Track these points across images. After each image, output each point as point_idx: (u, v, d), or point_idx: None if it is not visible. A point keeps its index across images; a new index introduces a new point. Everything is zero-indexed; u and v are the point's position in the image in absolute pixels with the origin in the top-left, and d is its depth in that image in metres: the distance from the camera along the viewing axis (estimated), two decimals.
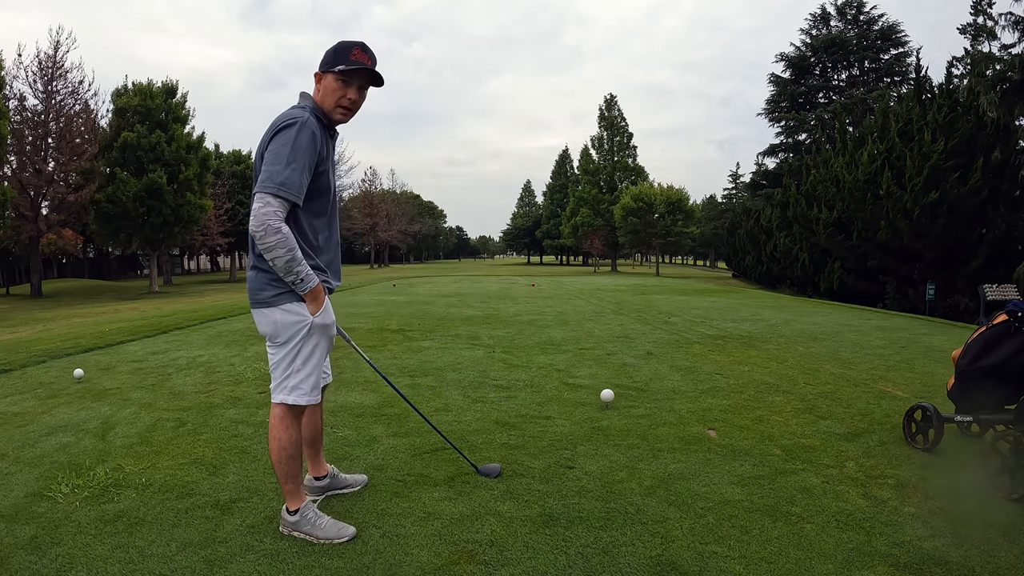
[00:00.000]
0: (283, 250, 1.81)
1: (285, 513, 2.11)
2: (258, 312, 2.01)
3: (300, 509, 2.09)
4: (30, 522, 2.19)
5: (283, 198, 1.81)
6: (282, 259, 1.82)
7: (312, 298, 1.94)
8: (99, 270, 46.32)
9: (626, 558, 1.94)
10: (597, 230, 46.95)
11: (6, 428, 3.36)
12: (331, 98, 1.97)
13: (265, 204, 1.79)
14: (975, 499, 2.38)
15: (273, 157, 1.82)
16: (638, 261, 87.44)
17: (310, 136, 1.86)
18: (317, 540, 2.04)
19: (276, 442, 2.05)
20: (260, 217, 1.78)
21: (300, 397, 2.04)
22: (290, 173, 1.81)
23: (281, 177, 1.79)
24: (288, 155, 1.81)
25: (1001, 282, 3.89)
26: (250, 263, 2.01)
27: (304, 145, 1.84)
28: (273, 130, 1.88)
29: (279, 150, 1.82)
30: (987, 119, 15.83)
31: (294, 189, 1.82)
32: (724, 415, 3.56)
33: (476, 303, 11.44)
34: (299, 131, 1.84)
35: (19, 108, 24.15)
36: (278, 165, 1.81)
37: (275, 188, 1.79)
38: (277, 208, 1.80)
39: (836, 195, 19.13)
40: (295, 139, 1.83)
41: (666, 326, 7.78)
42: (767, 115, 37.92)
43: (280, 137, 1.84)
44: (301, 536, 2.07)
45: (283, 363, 2.04)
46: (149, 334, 7.11)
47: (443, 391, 4.16)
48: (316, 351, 2.05)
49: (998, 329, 2.77)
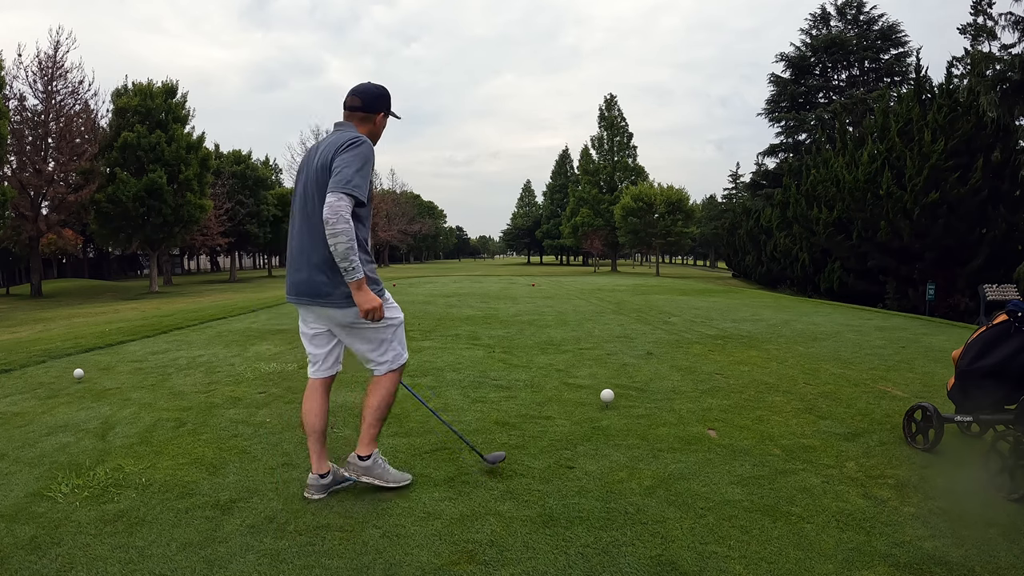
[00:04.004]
0: (346, 238, 2.10)
1: (355, 459, 2.40)
2: (346, 311, 2.30)
3: (372, 455, 2.41)
4: (30, 522, 2.19)
5: (352, 196, 2.14)
6: (343, 245, 2.10)
7: (357, 287, 2.21)
8: (99, 270, 46.33)
9: (626, 558, 1.94)
10: (597, 230, 46.92)
11: (6, 428, 3.36)
12: (380, 131, 2.49)
13: (338, 199, 2.11)
14: (975, 499, 2.38)
15: (344, 165, 2.17)
16: (638, 261, 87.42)
17: (370, 152, 2.26)
18: (386, 483, 2.42)
19: (386, 393, 2.41)
20: (334, 208, 2.09)
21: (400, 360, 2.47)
22: (359, 179, 2.16)
23: (353, 181, 2.14)
24: (357, 164, 2.18)
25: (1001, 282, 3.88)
26: (315, 266, 2.28)
27: (368, 158, 2.23)
28: (342, 145, 2.22)
29: (350, 160, 2.18)
30: (987, 119, 15.83)
31: (360, 190, 2.17)
32: (724, 415, 3.56)
33: (476, 303, 11.44)
34: (364, 146, 2.23)
35: (19, 108, 24.12)
36: (349, 170, 2.15)
37: (348, 188, 2.13)
38: (347, 203, 2.13)
39: (836, 195, 19.12)
40: (362, 153, 2.21)
41: (666, 326, 7.78)
42: (767, 115, 37.92)
43: (350, 150, 2.20)
44: (370, 480, 2.41)
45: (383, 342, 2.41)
46: (149, 334, 7.11)
47: (443, 391, 4.16)
48: (399, 328, 2.47)
49: (998, 329, 2.77)
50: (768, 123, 38.03)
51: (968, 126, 15.51)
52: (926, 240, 15.86)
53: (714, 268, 61.69)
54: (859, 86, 35.12)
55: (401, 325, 2.49)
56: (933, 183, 15.47)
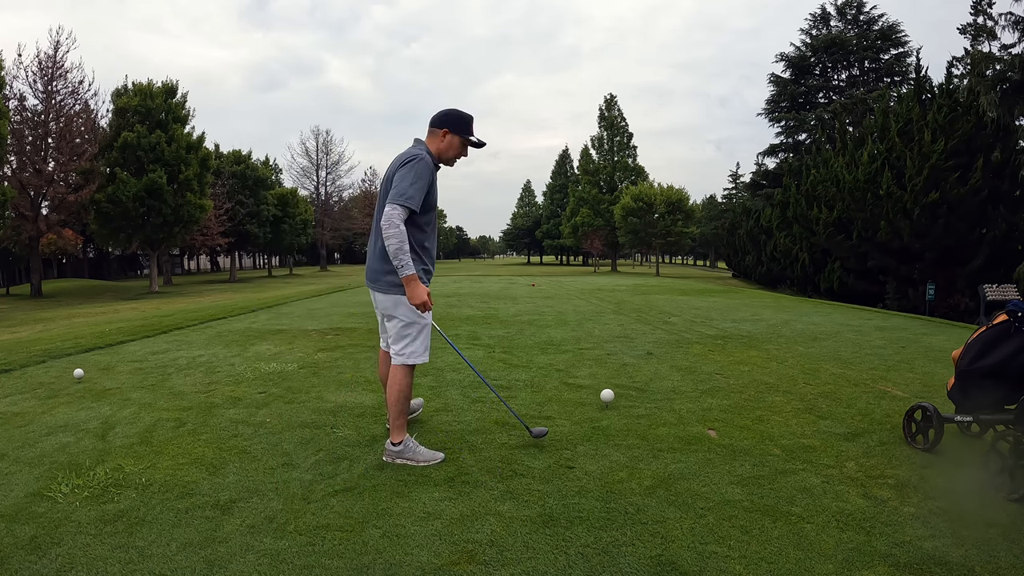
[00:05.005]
0: (396, 240, 2.55)
1: (389, 445, 2.78)
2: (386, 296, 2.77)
3: (403, 441, 2.76)
4: (30, 522, 2.19)
5: (405, 206, 2.59)
6: (394, 246, 2.56)
7: (407, 282, 2.64)
8: (99, 270, 46.32)
9: (626, 558, 1.94)
10: (597, 230, 46.91)
11: (6, 428, 3.36)
12: (452, 152, 2.82)
13: (392, 208, 2.57)
14: (975, 499, 2.38)
15: (400, 179, 2.61)
16: (638, 261, 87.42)
17: (426, 167, 2.66)
18: (417, 463, 2.74)
19: (397, 387, 2.76)
20: (388, 216, 2.55)
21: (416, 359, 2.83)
22: (413, 191, 2.60)
23: (407, 193, 2.59)
24: (412, 179, 2.61)
25: (1001, 282, 3.89)
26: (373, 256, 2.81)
27: (421, 174, 2.63)
28: (401, 162, 2.67)
29: (405, 174, 2.62)
30: (987, 119, 15.82)
31: (413, 201, 2.61)
32: (724, 415, 3.56)
33: (476, 303, 11.44)
34: (420, 163, 2.65)
35: (19, 108, 24.12)
36: (404, 184, 2.60)
37: (401, 199, 2.58)
38: (400, 212, 2.57)
39: (836, 195, 19.11)
40: (417, 169, 2.63)
41: (666, 326, 7.78)
42: (767, 115, 37.90)
43: (407, 166, 2.63)
44: (403, 462, 2.75)
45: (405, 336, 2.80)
46: (149, 334, 7.11)
47: (443, 391, 4.16)
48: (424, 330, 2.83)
49: (998, 329, 2.77)
50: (768, 123, 38.05)
51: (968, 126, 15.50)
52: (926, 240, 15.85)
53: (714, 268, 61.68)
54: (859, 86, 35.12)
55: (427, 328, 2.83)
56: (933, 183, 15.47)
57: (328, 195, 56.07)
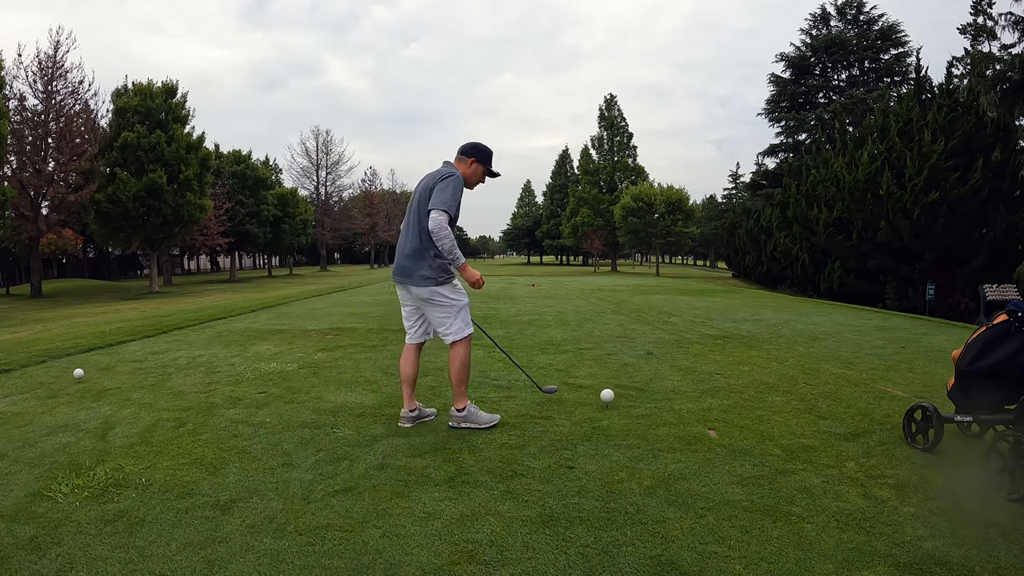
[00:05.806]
0: (449, 240, 3.05)
1: (454, 412, 3.27)
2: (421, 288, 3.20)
3: (466, 407, 3.26)
4: (30, 522, 2.19)
5: (449, 213, 3.06)
6: (448, 244, 3.04)
7: (463, 269, 3.20)
8: (99, 270, 46.31)
9: (626, 558, 1.94)
10: (597, 230, 46.92)
11: (6, 428, 3.36)
12: (475, 178, 3.37)
13: (439, 214, 3.04)
14: (975, 499, 2.38)
15: (441, 191, 3.09)
16: (638, 261, 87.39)
17: (460, 184, 3.19)
18: (480, 426, 3.25)
19: (458, 360, 3.21)
20: (438, 221, 3.02)
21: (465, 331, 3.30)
22: (451, 200, 3.09)
23: (449, 202, 3.08)
24: (452, 191, 3.11)
25: (1001, 282, 3.88)
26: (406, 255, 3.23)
27: (458, 187, 3.16)
28: (440, 177, 3.15)
29: (445, 187, 3.10)
30: (987, 119, 15.82)
31: (454, 209, 3.10)
32: (724, 415, 3.56)
33: (476, 303, 11.44)
34: (456, 180, 3.16)
35: (19, 108, 24.12)
36: (445, 194, 3.08)
37: (444, 206, 3.05)
38: (445, 217, 3.04)
39: (836, 195, 19.11)
40: (455, 184, 3.14)
41: (666, 326, 7.78)
42: (767, 115, 37.91)
43: (446, 181, 3.12)
44: (468, 426, 3.25)
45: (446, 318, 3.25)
46: (149, 334, 7.11)
47: (443, 391, 4.16)
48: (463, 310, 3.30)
49: (998, 329, 2.77)
50: (768, 123, 38.06)
51: (968, 126, 15.50)
52: (926, 240, 15.85)
53: (714, 268, 61.68)
54: (859, 86, 35.12)
55: (465, 307, 3.29)
56: (933, 183, 15.46)
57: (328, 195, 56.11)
